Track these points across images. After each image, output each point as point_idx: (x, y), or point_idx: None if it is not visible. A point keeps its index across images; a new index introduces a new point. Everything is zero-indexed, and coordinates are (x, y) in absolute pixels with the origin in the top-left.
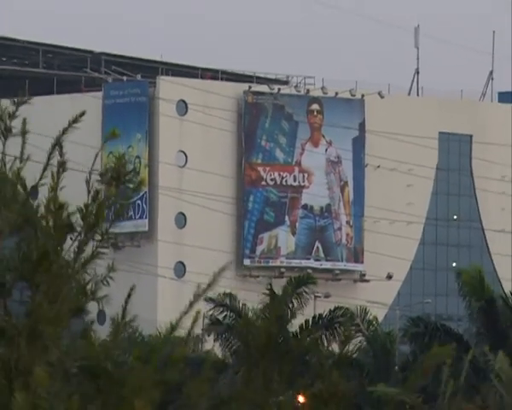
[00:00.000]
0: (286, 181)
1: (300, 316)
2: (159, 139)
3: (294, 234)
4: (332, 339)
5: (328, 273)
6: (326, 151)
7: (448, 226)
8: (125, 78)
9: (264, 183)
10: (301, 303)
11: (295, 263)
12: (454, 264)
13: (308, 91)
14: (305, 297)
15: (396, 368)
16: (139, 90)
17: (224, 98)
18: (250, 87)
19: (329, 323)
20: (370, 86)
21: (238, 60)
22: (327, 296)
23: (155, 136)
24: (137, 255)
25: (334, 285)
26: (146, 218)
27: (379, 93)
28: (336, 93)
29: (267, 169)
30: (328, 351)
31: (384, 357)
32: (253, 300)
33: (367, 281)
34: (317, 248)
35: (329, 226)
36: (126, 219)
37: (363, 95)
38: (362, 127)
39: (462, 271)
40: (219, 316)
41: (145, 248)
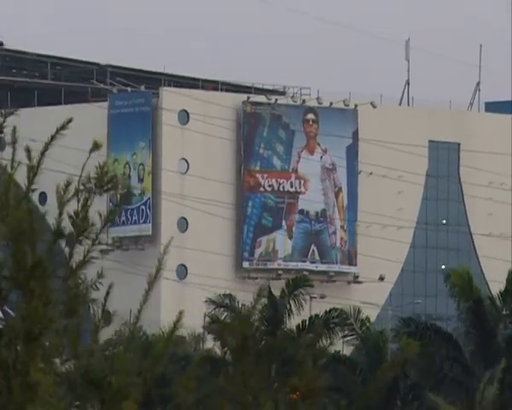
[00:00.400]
0: (283, 187)
1: (297, 316)
2: (162, 147)
3: (291, 238)
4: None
5: (323, 275)
6: (321, 159)
7: (437, 230)
8: (130, 89)
9: (262, 189)
10: (298, 304)
11: (292, 265)
12: (443, 266)
13: (304, 102)
14: (302, 299)
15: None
16: (143, 100)
17: (224, 108)
18: (249, 98)
19: (325, 323)
20: (363, 97)
21: (237, 72)
22: (322, 297)
23: (158, 144)
24: (141, 258)
25: (328, 287)
26: (149, 222)
27: (371, 103)
28: (331, 103)
29: (265, 176)
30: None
31: (376, 355)
32: (252, 301)
33: (360, 282)
34: (313, 251)
35: (324, 230)
36: (131, 223)
37: (356, 105)
38: (355, 136)
39: (451, 272)
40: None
41: (149, 251)
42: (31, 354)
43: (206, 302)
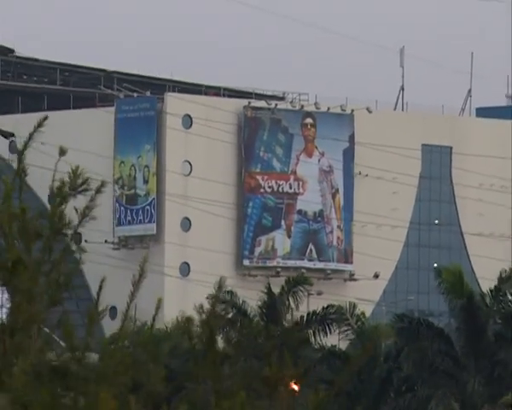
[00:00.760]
0: (282, 188)
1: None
2: (166, 150)
3: (290, 237)
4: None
5: (320, 273)
6: (319, 161)
7: (430, 230)
8: (136, 94)
9: (262, 190)
10: (297, 301)
11: (290, 263)
12: (435, 264)
13: (302, 107)
14: (300, 295)
15: (381, 359)
16: (148, 105)
17: (226, 113)
18: (249, 103)
19: (322, 319)
20: (359, 102)
21: (239, 78)
22: (319, 294)
23: (163, 147)
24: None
25: (325, 284)
26: (154, 222)
27: (367, 108)
28: (328, 108)
29: (265, 177)
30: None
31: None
32: (252, 297)
33: (356, 280)
34: (311, 249)
35: (322, 230)
36: (137, 223)
37: (352, 110)
38: (351, 139)
39: (442, 269)
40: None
41: (153, 249)
42: (17, 348)
43: (207, 299)
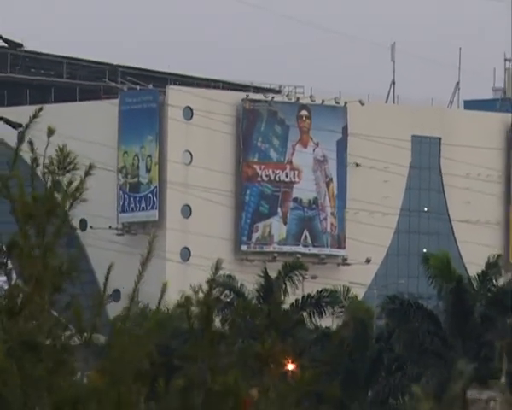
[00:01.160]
0: (279, 177)
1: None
2: (168, 140)
3: (286, 223)
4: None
5: (314, 258)
6: (314, 151)
7: (419, 217)
8: (139, 87)
9: (259, 179)
10: (294, 285)
11: (286, 249)
12: (424, 250)
13: (298, 99)
14: (296, 280)
15: (373, 340)
16: (151, 97)
17: (225, 105)
18: (247, 95)
19: (317, 302)
20: (352, 95)
21: (237, 72)
22: (313, 278)
23: (164, 137)
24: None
25: (320, 268)
26: (156, 209)
27: (360, 101)
28: (323, 101)
29: (262, 167)
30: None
31: (363, 330)
32: (250, 280)
33: (348, 264)
34: (306, 235)
35: (316, 217)
36: (139, 210)
37: (346, 102)
38: (345, 131)
39: (429, 255)
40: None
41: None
42: (13, 329)
43: (207, 282)
